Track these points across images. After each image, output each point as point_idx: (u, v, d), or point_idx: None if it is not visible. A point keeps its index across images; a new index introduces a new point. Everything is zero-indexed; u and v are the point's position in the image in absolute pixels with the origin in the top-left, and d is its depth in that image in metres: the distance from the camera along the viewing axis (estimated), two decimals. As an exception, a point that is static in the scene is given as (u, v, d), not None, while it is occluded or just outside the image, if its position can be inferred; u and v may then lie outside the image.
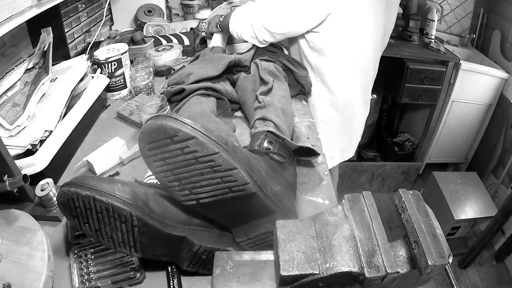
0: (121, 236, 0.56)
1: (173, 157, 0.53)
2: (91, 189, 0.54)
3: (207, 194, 0.56)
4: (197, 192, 0.56)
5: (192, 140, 0.52)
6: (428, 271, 0.45)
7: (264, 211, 0.61)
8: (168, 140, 0.52)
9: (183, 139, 0.52)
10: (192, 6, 1.76)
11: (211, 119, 0.85)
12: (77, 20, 1.35)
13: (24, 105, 0.84)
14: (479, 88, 2.01)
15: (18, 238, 0.64)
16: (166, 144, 0.53)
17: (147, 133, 0.53)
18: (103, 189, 0.54)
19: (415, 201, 0.51)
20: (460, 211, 1.95)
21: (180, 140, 0.52)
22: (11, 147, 0.76)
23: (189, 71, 0.99)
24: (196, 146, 0.52)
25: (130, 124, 1.06)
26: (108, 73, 1.15)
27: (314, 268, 0.49)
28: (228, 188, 0.55)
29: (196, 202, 0.57)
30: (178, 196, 0.57)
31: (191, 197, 0.56)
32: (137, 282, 0.61)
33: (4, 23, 0.72)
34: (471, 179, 2.11)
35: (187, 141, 0.52)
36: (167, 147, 0.53)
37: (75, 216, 0.55)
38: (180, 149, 0.53)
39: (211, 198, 0.56)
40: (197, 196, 0.56)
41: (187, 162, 0.53)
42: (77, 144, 0.97)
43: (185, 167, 0.54)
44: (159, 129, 0.52)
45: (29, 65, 0.95)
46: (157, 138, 0.53)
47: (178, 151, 0.53)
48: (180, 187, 0.56)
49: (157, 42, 1.45)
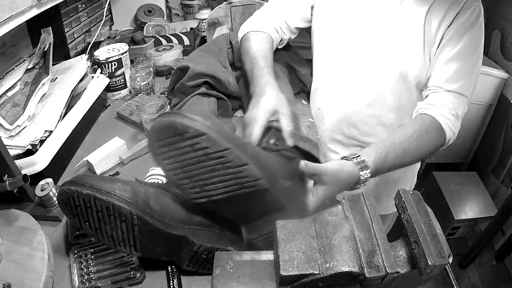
0: (121, 235, 0.56)
1: (184, 154, 0.53)
2: (91, 188, 0.54)
3: (219, 191, 0.55)
4: (208, 189, 0.55)
5: (203, 136, 0.52)
6: (428, 271, 0.45)
7: (276, 207, 0.60)
8: (178, 137, 0.52)
9: (193, 136, 0.51)
10: (192, 6, 1.76)
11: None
12: (77, 20, 1.35)
13: (24, 105, 0.84)
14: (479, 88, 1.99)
15: (18, 238, 0.64)
16: (176, 141, 0.52)
17: (156, 131, 0.53)
18: (103, 188, 0.54)
19: (415, 201, 0.51)
20: (460, 211, 1.95)
21: (191, 137, 0.52)
22: (11, 147, 0.76)
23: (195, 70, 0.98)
24: (207, 142, 0.52)
25: (130, 124, 1.06)
26: (108, 73, 1.15)
27: (314, 268, 0.49)
28: (240, 184, 0.55)
29: (208, 199, 0.56)
30: (189, 194, 0.56)
31: (203, 194, 0.56)
32: (137, 282, 0.61)
33: (4, 23, 0.72)
34: (471, 179, 2.11)
35: (198, 138, 0.52)
36: (177, 144, 0.52)
37: (75, 215, 0.55)
38: (190, 146, 0.52)
39: (222, 195, 0.56)
40: (208, 193, 0.56)
41: (198, 159, 0.53)
42: (77, 144, 0.97)
43: (195, 164, 0.53)
44: (169, 126, 0.52)
45: (29, 65, 0.95)
46: (167, 135, 0.52)
47: (188, 148, 0.52)
48: (190, 184, 0.55)
49: (157, 42, 1.45)
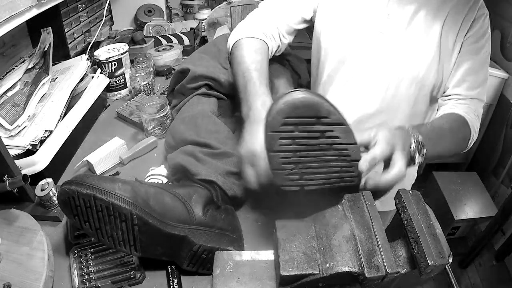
0: (121, 235, 0.56)
1: (309, 138, 0.50)
2: (91, 187, 0.54)
3: (318, 182, 0.53)
4: (309, 178, 0.53)
5: (341, 126, 0.50)
6: (428, 271, 0.45)
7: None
8: (314, 120, 0.49)
9: (332, 123, 0.49)
10: (192, 6, 1.76)
11: (212, 120, 0.85)
12: (77, 20, 1.35)
13: (24, 105, 0.84)
14: (479, 88, 2.01)
15: (18, 238, 0.65)
16: (310, 123, 0.49)
17: (293, 106, 0.48)
18: (103, 188, 0.54)
19: (415, 201, 0.51)
20: (460, 211, 1.95)
21: (328, 123, 0.49)
22: (11, 147, 0.76)
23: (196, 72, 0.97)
24: (341, 132, 0.50)
25: (130, 124, 1.06)
26: (108, 73, 1.15)
27: (314, 268, 0.49)
28: (341, 178, 0.54)
29: (300, 188, 0.53)
30: (283, 181, 0.53)
31: (298, 183, 0.53)
32: (137, 282, 0.61)
33: (4, 23, 0.72)
34: (471, 179, 2.11)
35: (335, 126, 0.49)
36: (308, 126, 0.49)
37: (75, 215, 0.55)
38: (322, 132, 0.50)
39: (318, 186, 0.53)
40: (306, 182, 0.53)
41: (321, 146, 0.50)
42: (77, 144, 0.97)
43: (315, 150, 0.51)
44: (312, 105, 0.48)
45: (29, 65, 0.95)
46: (303, 114, 0.48)
47: (318, 133, 0.50)
48: (293, 170, 0.52)
49: (157, 42, 1.45)
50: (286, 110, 0.49)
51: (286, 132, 0.50)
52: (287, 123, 0.49)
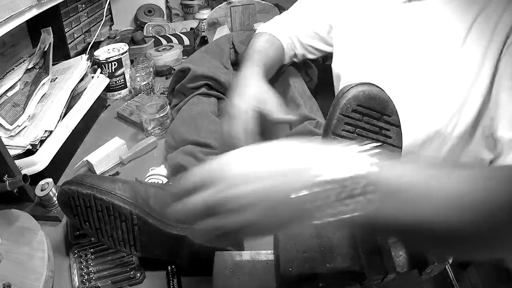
0: (121, 235, 0.56)
1: (369, 131, 0.51)
2: (91, 187, 0.54)
3: None
4: None
5: (397, 128, 0.52)
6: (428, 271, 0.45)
7: None
8: (378, 115, 0.50)
9: (391, 123, 0.51)
10: (192, 6, 1.76)
11: (212, 120, 0.85)
12: (77, 20, 1.35)
13: (24, 105, 0.84)
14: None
15: (18, 238, 0.64)
16: (376, 117, 0.51)
17: (368, 97, 0.50)
18: (103, 188, 0.54)
19: (415, 201, 0.51)
20: (460, 211, 1.95)
21: (389, 122, 0.51)
22: (11, 147, 0.76)
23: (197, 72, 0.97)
24: (395, 134, 0.52)
25: (130, 124, 1.06)
26: (108, 73, 1.15)
27: (314, 268, 0.49)
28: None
29: None
30: None
31: None
32: (137, 282, 0.61)
33: (4, 23, 0.72)
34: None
35: (393, 126, 0.51)
36: (373, 120, 0.51)
37: (75, 215, 0.55)
38: (380, 128, 0.51)
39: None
40: None
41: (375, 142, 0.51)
42: (77, 144, 0.97)
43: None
44: (383, 101, 0.50)
45: (29, 65, 0.95)
46: (374, 106, 0.50)
47: (377, 128, 0.51)
48: None
49: (157, 42, 1.45)
50: (361, 98, 0.50)
51: (353, 119, 0.51)
52: (358, 111, 0.50)
